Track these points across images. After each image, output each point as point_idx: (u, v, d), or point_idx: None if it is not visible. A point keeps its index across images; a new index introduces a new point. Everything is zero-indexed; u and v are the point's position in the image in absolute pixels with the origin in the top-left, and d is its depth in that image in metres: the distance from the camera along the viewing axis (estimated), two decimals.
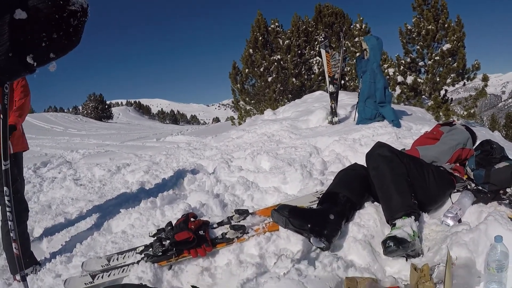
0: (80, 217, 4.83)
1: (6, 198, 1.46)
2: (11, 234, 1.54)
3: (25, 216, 3.75)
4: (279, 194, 4.30)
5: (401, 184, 2.77)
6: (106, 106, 55.04)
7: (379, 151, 3.03)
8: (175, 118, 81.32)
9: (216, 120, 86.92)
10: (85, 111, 53.93)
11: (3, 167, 1.31)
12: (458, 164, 3.39)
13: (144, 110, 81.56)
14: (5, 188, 1.39)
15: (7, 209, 1.50)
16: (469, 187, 3.12)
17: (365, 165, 3.23)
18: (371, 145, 5.27)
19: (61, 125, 33.69)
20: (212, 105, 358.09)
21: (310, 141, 6.48)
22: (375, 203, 3.10)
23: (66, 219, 4.80)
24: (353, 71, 15.76)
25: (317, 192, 3.88)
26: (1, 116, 1.23)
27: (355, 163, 3.58)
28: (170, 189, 4.89)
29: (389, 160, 2.91)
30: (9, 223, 1.50)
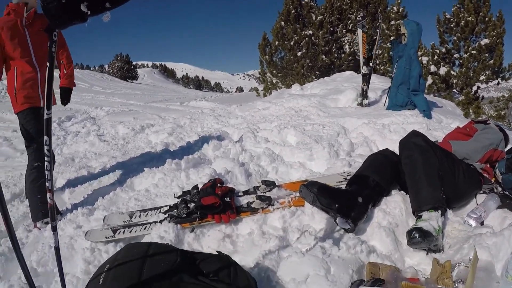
0: (103, 172, 4.84)
1: (45, 147, 1.42)
2: (47, 184, 1.51)
3: (52, 167, 3.79)
4: (304, 170, 4.25)
5: (432, 176, 2.70)
6: (132, 67, 55.22)
7: (414, 140, 2.95)
8: (199, 84, 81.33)
9: (240, 89, 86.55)
10: (111, 70, 54.25)
11: (46, 116, 1.27)
12: (488, 165, 3.27)
13: (169, 74, 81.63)
14: (45, 138, 1.35)
15: (46, 158, 1.47)
16: (495, 190, 3.03)
17: (395, 151, 3.18)
18: (400, 132, 5.27)
19: (87, 82, 33.95)
20: (237, 74, 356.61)
21: (338, 120, 6.37)
22: (402, 191, 3.03)
23: (89, 172, 4.83)
24: (386, 54, 15.37)
25: (344, 172, 3.81)
26: (48, 65, 1.18)
27: (386, 149, 3.49)
28: (195, 153, 4.88)
29: (423, 150, 2.83)
30: (46, 172, 1.47)
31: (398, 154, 3.11)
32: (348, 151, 4.78)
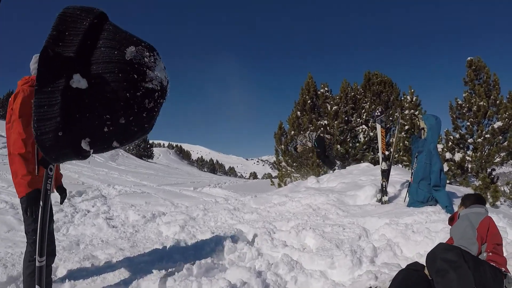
0: (108, 266, 4.58)
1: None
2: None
3: (51, 261, 3.54)
4: (325, 280, 3.98)
5: None
6: (148, 146, 56.18)
7: (445, 256, 2.78)
8: (213, 168, 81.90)
9: (254, 175, 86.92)
10: (127, 147, 55.14)
11: (38, 264, 1.07)
12: (493, 252, 3.16)
13: (184, 155, 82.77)
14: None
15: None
16: None
17: (423, 259, 3.14)
18: (424, 233, 5.03)
19: (102, 156, 34.36)
20: (252, 159, 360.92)
21: (358, 220, 6.10)
22: None
23: (94, 265, 4.59)
24: (401, 144, 15.33)
25: (371, 287, 3.50)
26: (41, 204, 1.00)
27: (416, 262, 3.40)
28: (208, 256, 4.62)
29: (456, 267, 2.68)
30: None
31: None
32: (371, 257, 4.56)
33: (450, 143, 13.98)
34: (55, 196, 3.87)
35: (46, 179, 0.99)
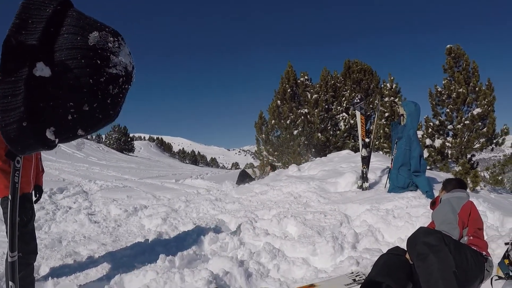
0: (90, 262, 4.53)
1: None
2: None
3: (32, 259, 3.48)
4: (308, 267, 4.01)
5: (450, 279, 2.60)
6: (129, 139, 55.48)
7: (425, 239, 2.82)
8: (195, 159, 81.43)
9: (236, 165, 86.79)
10: (108, 141, 54.37)
11: (10, 259, 1.05)
12: (474, 236, 3.23)
13: (165, 147, 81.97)
14: (10, 283, 1.11)
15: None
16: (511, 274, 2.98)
17: (404, 244, 3.12)
18: (405, 218, 5.11)
19: (83, 151, 33.93)
20: (233, 149, 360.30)
21: (340, 207, 6.15)
22: None
23: (76, 261, 4.53)
24: (381, 131, 15.47)
25: (352, 273, 3.59)
26: (9, 197, 0.97)
27: (397, 247, 3.44)
28: (190, 247, 4.60)
29: (437, 250, 2.72)
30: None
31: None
32: (353, 243, 4.62)
33: (430, 130, 14.15)
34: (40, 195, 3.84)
35: (13, 171, 0.97)
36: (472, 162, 13.35)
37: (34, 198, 3.72)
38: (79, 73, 0.71)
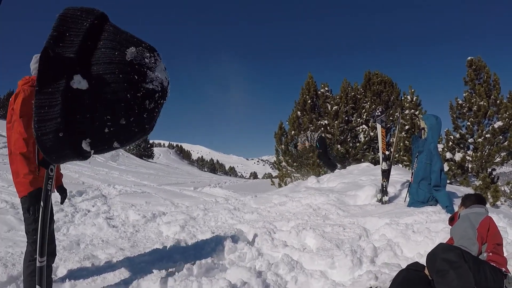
0: (108, 266, 4.57)
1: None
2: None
3: (51, 261, 3.54)
4: (325, 280, 3.97)
5: None
6: (149, 145, 56.01)
7: (445, 256, 2.79)
8: (213, 167, 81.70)
9: (254, 175, 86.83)
10: (128, 147, 54.94)
11: (38, 264, 1.06)
12: (493, 252, 3.16)
13: (184, 155, 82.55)
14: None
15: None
16: None
17: (423, 259, 3.18)
18: (424, 233, 5.03)
19: (103, 156, 34.33)
20: (252, 159, 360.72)
21: (359, 220, 6.09)
22: None
23: (94, 265, 4.58)
24: (401, 144, 15.30)
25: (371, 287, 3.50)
26: (42, 205, 0.99)
27: (416, 262, 3.38)
28: (209, 256, 4.61)
29: (456, 267, 2.68)
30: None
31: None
32: (371, 257, 4.57)
33: (450, 143, 13.96)
34: (55, 196, 3.86)
35: (47, 179, 0.99)
36: (493, 176, 13.11)
37: (56, 200, 3.78)
38: (116, 88, 0.73)
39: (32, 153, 3.21)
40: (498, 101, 12.93)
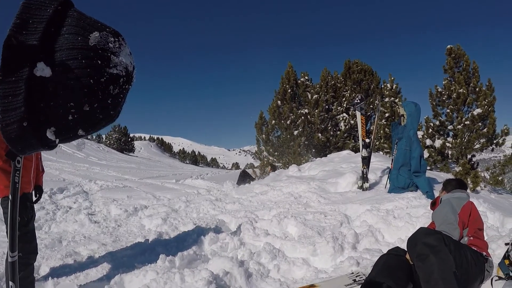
0: (91, 262, 4.52)
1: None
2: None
3: (33, 259, 3.48)
4: (308, 267, 4.01)
5: (450, 280, 2.59)
6: (129, 139, 55.45)
7: (425, 240, 2.82)
8: (195, 159, 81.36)
9: (236, 165, 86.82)
10: (108, 141, 54.34)
11: (10, 259, 1.04)
12: (474, 236, 3.24)
13: (165, 148, 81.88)
14: (10, 283, 1.11)
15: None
16: None
17: (404, 245, 3.11)
18: (405, 218, 5.12)
19: (83, 152, 33.92)
20: (233, 150, 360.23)
21: (340, 207, 6.15)
22: None
23: (76, 261, 4.52)
24: (381, 131, 15.46)
25: (352, 273, 3.58)
26: (10, 198, 0.97)
27: (397, 247, 3.44)
28: (190, 248, 4.59)
29: (437, 251, 2.72)
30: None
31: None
32: (353, 244, 4.62)
33: (430, 130, 14.14)
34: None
35: (14, 172, 0.97)
36: (473, 162, 13.34)
37: (34, 198, 3.71)
38: (79, 74, 0.72)
39: (8, 162, 3.13)
40: (477, 89, 13.10)
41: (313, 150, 17.82)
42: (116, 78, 0.75)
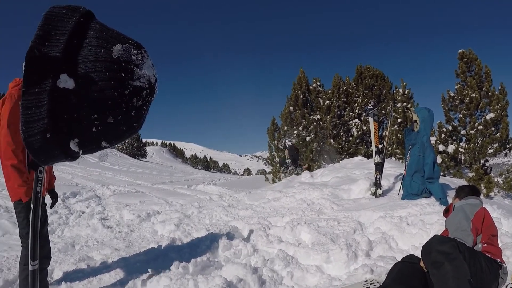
0: (104, 267, 4.55)
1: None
2: None
3: (46, 263, 3.51)
4: (321, 275, 3.98)
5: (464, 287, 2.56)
6: (142, 144, 55.72)
7: (440, 248, 2.79)
8: (207, 165, 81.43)
9: (248, 171, 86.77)
10: (120, 146, 54.69)
11: (31, 268, 1.05)
12: (488, 243, 3.19)
13: (177, 153, 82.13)
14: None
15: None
16: None
17: (418, 251, 3.19)
18: (419, 225, 5.06)
19: (95, 156, 34.18)
20: (245, 155, 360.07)
21: (353, 214, 6.10)
22: None
23: (89, 266, 4.54)
24: (394, 137, 15.34)
25: (367, 281, 3.56)
26: (32, 207, 0.98)
27: (412, 255, 3.39)
28: (204, 254, 4.60)
29: (452, 259, 2.69)
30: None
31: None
32: (366, 251, 4.58)
33: (443, 135, 14.00)
34: (47, 199, 3.83)
35: (36, 181, 0.98)
36: (486, 167, 13.17)
37: (48, 203, 3.74)
38: (103, 86, 0.72)
39: (23, 162, 3.18)
40: (489, 93, 12.96)
41: (325, 156, 17.76)
42: (139, 91, 0.76)
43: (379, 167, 7.59)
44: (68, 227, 6.35)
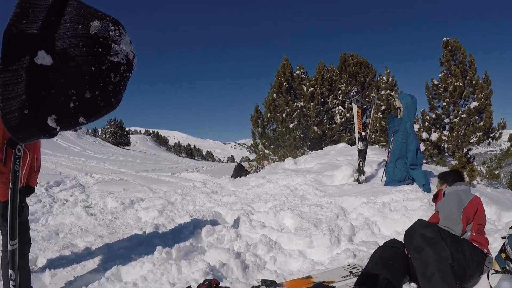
0: (88, 254, 4.54)
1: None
2: (10, 272, 1.23)
3: (27, 249, 3.48)
4: (304, 259, 4.03)
5: (446, 272, 2.61)
6: (125, 133, 55.31)
7: (423, 232, 2.83)
8: (191, 152, 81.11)
9: (232, 159, 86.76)
10: (104, 135, 54.21)
11: (10, 247, 1.05)
12: (477, 232, 3.23)
13: (161, 141, 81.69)
14: (10, 271, 1.11)
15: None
16: (508, 267, 2.98)
17: (401, 236, 3.18)
18: (401, 211, 5.13)
19: (79, 145, 33.82)
20: (229, 143, 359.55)
21: (336, 200, 6.17)
22: (412, 284, 2.95)
23: (73, 253, 4.54)
24: (377, 124, 15.49)
25: (349, 265, 3.61)
26: (10, 186, 0.98)
27: (394, 239, 3.46)
28: (187, 239, 4.61)
29: (433, 243, 2.72)
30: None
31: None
32: (349, 236, 4.64)
33: (426, 123, 14.13)
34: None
35: (14, 160, 0.98)
36: (469, 156, 13.34)
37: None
38: (80, 61, 0.72)
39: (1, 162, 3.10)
40: (473, 82, 13.07)
41: (309, 143, 17.84)
42: (117, 66, 0.76)
43: (362, 154, 7.63)
44: (52, 216, 6.31)
